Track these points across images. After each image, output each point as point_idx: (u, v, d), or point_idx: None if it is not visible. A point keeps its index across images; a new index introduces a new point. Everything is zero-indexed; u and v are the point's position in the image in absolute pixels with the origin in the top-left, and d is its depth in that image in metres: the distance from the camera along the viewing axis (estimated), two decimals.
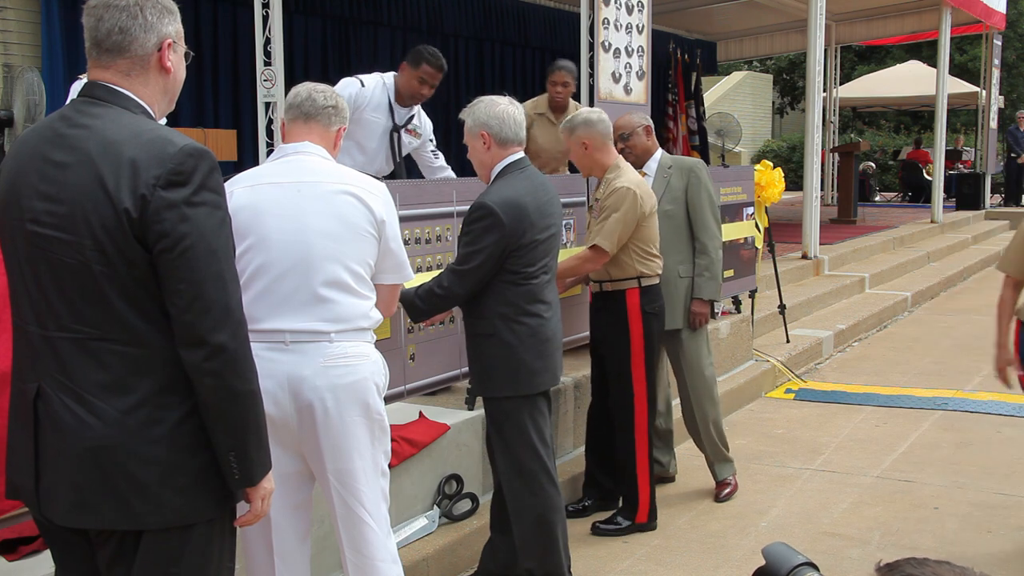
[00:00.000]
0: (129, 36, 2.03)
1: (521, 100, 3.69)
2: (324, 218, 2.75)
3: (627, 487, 4.44)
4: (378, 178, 2.96)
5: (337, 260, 2.75)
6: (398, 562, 2.93)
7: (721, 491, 4.88)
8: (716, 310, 5.01)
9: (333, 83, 3.06)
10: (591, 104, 6.13)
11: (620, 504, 4.52)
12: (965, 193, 16.94)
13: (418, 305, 3.56)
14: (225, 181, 2.25)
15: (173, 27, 2.09)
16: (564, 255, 5.27)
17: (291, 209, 2.74)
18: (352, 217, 2.77)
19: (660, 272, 4.39)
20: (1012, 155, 17.59)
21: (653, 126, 4.91)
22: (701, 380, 4.88)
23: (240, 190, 2.77)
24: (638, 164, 4.75)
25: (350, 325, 2.78)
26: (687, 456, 5.08)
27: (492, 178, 3.57)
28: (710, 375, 4.94)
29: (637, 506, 4.41)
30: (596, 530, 4.43)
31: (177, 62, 2.12)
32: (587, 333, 5.39)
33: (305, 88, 2.93)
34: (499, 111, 3.54)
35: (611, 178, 4.26)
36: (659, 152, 4.83)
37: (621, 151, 4.74)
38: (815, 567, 1.52)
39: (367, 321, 2.82)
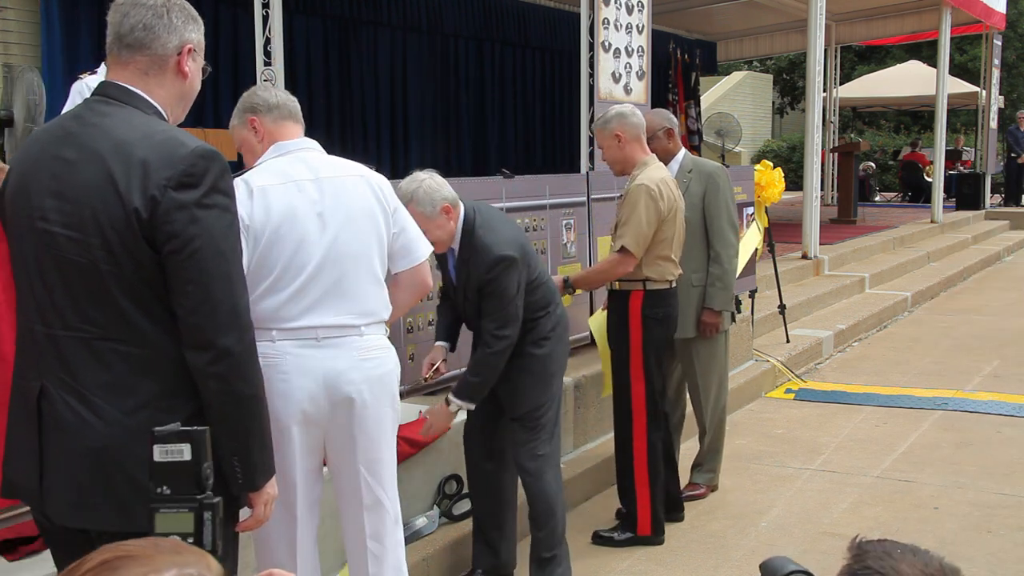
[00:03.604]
0: (152, 33, 2.04)
1: (522, 100, 3.71)
2: (350, 213, 2.77)
3: (626, 498, 4.36)
4: (371, 167, 2.98)
5: (366, 254, 2.79)
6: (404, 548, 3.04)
7: (688, 490, 4.84)
8: (733, 319, 4.96)
9: (334, 83, 3.07)
10: (591, 105, 6.13)
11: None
12: (965, 193, 16.93)
13: (477, 381, 3.55)
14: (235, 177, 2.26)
15: (196, 36, 2.11)
16: (563, 254, 5.27)
17: (318, 206, 2.74)
18: (374, 210, 2.81)
19: (672, 279, 4.25)
20: (1012, 155, 17.59)
21: (676, 128, 4.80)
22: (715, 377, 4.87)
23: (267, 187, 2.72)
24: None
25: (376, 318, 2.83)
26: (688, 456, 5.07)
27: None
28: (721, 375, 4.94)
29: (637, 519, 4.30)
30: (595, 536, 4.37)
31: (195, 70, 2.12)
32: (587, 333, 5.39)
33: (269, 90, 2.93)
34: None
35: (636, 174, 4.18)
36: (681, 154, 4.72)
37: None
38: (807, 573, 1.53)
39: (386, 313, 2.87)
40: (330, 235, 2.73)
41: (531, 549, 3.77)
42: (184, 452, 1.52)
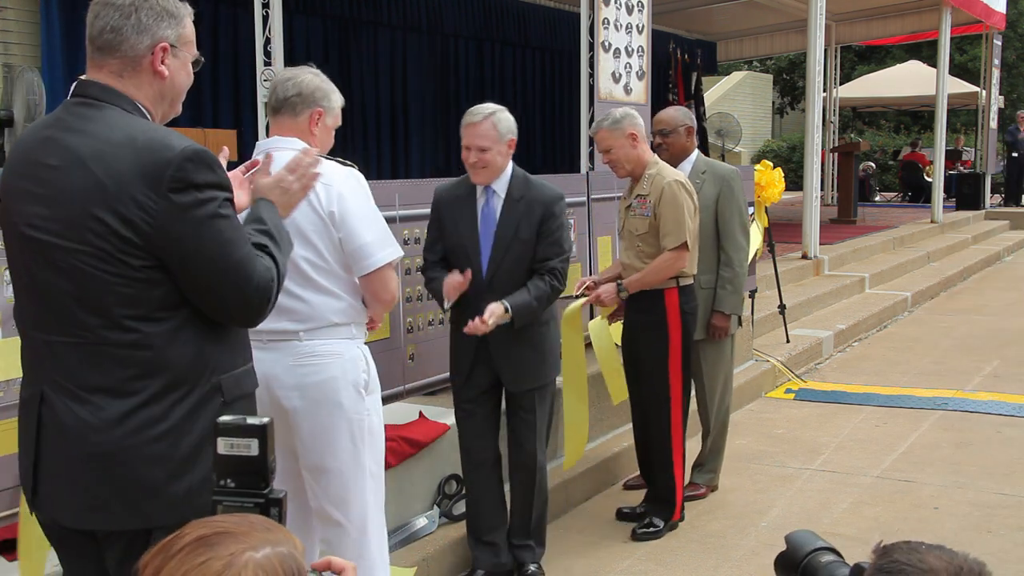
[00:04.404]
0: (120, 36, 2.00)
1: (522, 100, 3.77)
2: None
3: (663, 488, 4.41)
4: (348, 163, 2.88)
5: (298, 258, 2.72)
6: (378, 565, 2.92)
7: (688, 490, 4.79)
8: (739, 322, 4.97)
9: (334, 83, 3.03)
10: (591, 104, 6.12)
11: (650, 503, 4.51)
12: (965, 193, 16.93)
13: (536, 307, 3.63)
14: None
15: (172, 31, 2.05)
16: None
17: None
18: (306, 210, 2.71)
19: (695, 273, 4.34)
20: (1014, 155, 17.56)
21: (695, 126, 4.82)
22: (720, 378, 4.90)
23: None
24: (672, 163, 4.64)
25: (319, 323, 2.77)
26: (687, 456, 5.07)
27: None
28: (727, 376, 4.97)
29: (674, 506, 4.41)
30: (637, 536, 4.37)
31: (176, 67, 2.07)
32: (586, 333, 5.38)
33: (273, 80, 2.89)
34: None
35: (652, 174, 4.20)
36: (695, 154, 4.74)
37: (658, 146, 4.69)
38: (834, 551, 1.54)
39: (339, 317, 2.80)
40: None
41: (524, 530, 3.89)
42: (252, 447, 1.52)
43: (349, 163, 2.86)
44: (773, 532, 4.45)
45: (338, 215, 2.75)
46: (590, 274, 5.31)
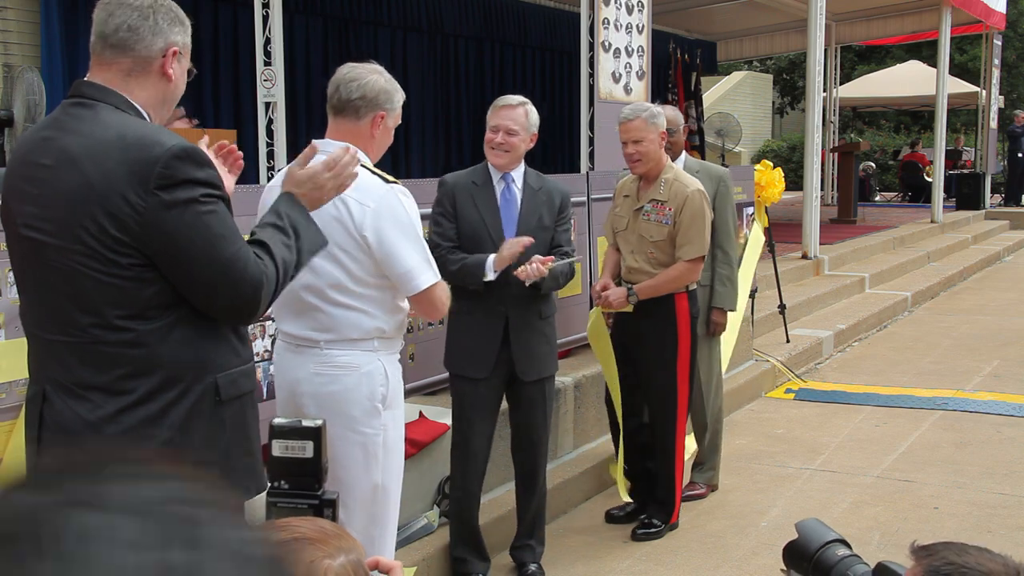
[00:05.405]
0: (136, 35, 2.02)
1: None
2: None
3: (664, 490, 4.42)
4: (391, 180, 2.77)
5: (320, 271, 2.70)
6: None
7: (688, 490, 4.81)
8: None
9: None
10: (591, 104, 6.12)
11: (646, 503, 4.52)
12: (965, 193, 16.93)
13: (559, 280, 3.72)
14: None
15: (182, 38, 2.09)
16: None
17: None
18: (336, 229, 2.66)
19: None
20: (1020, 155, 17.53)
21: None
22: (713, 374, 4.93)
23: (272, 187, 2.79)
24: None
25: (339, 335, 2.74)
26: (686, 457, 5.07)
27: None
28: (719, 372, 5.00)
29: (673, 508, 4.42)
30: (637, 536, 4.37)
31: (180, 73, 2.10)
32: (585, 334, 5.36)
33: (337, 77, 2.78)
34: None
35: (670, 179, 4.18)
36: (684, 153, 4.78)
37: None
38: (847, 544, 1.52)
39: (360, 332, 2.75)
40: None
41: (529, 527, 3.91)
42: (307, 449, 1.53)
43: (392, 179, 2.76)
44: (773, 532, 4.45)
45: (372, 240, 2.68)
46: (590, 274, 5.32)
